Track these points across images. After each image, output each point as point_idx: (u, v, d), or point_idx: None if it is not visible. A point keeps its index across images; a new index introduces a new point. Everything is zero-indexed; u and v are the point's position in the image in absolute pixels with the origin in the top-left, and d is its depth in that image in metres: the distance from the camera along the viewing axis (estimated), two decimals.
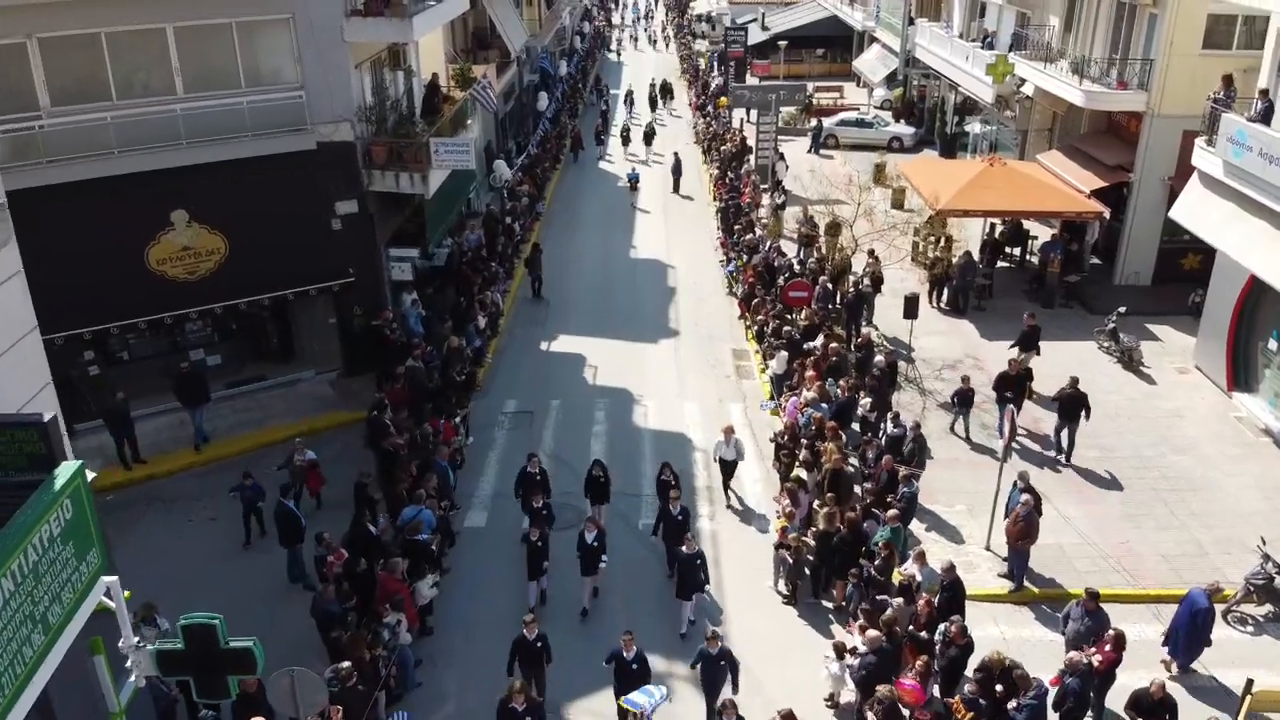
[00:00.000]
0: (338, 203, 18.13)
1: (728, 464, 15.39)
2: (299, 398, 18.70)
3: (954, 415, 17.49)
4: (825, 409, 15.81)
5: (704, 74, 48.73)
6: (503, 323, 22.26)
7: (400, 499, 13.54)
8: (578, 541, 13.06)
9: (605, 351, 21.08)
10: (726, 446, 15.23)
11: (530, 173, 30.38)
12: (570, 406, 18.66)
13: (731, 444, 15.21)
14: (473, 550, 14.52)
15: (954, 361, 20.36)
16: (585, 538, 12.97)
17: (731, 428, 15.52)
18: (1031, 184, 22.95)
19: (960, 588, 12.06)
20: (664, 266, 26.45)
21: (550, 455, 16.98)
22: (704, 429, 17.91)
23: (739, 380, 19.92)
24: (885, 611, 11.67)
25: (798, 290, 19.14)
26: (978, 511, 15.45)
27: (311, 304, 18.82)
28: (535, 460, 14.50)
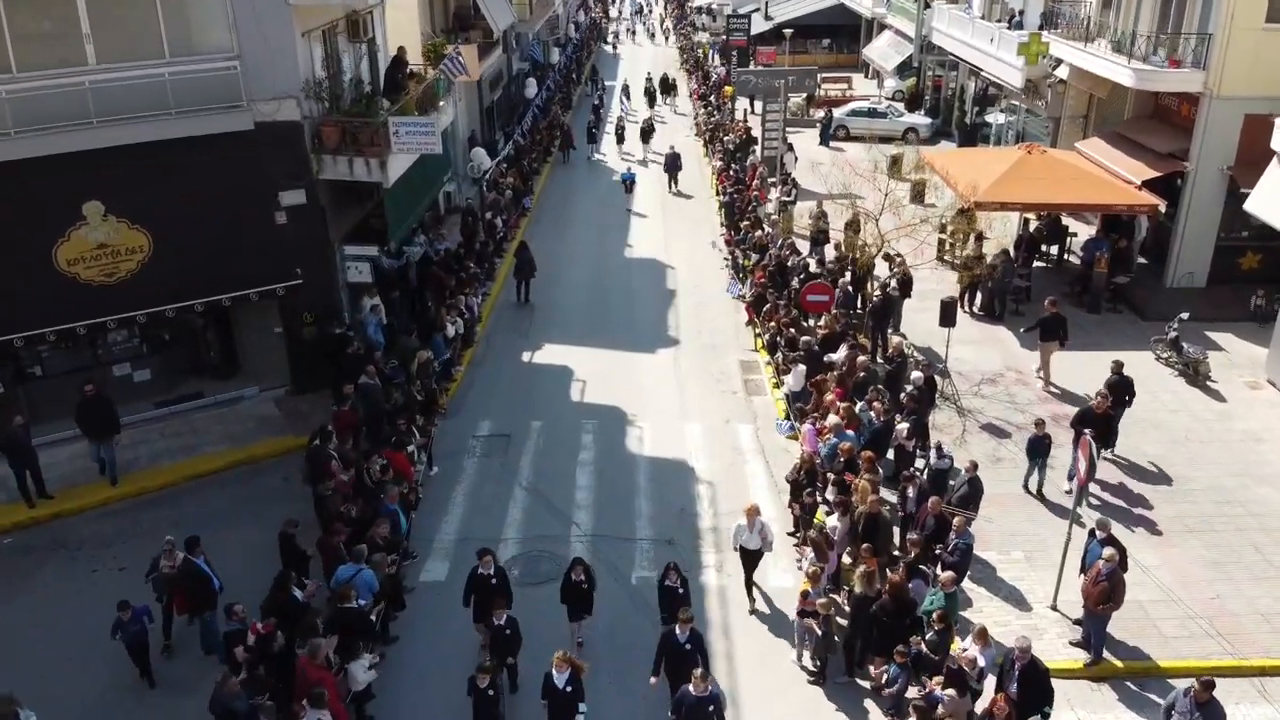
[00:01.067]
0: (282, 193, 15.58)
1: (751, 554, 11.81)
2: (239, 419, 16.15)
3: (1029, 470, 14.24)
4: (853, 437, 13.26)
5: (705, 64, 46.21)
6: (480, 330, 19.70)
7: (335, 554, 10.98)
8: (543, 685, 9.50)
9: (596, 363, 18.53)
10: (750, 533, 11.57)
11: (516, 164, 27.82)
12: (554, 429, 16.11)
13: (756, 529, 11.58)
14: (429, 613, 11.95)
15: (994, 375, 17.82)
16: (554, 680, 9.36)
17: (755, 508, 11.77)
18: (1076, 174, 20.42)
19: (1043, 676, 9.51)
20: (662, 267, 23.90)
21: (528, 488, 14.44)
22: (708, 456, 15.37)
23: (748, 397, 17.38)
24: (938, 708, 9.16)
25: (817, 293, 16.57)
26: (1039, 561, 12.91)
27: (254, 311, 16.26)
28: (489, 559, 10.68)
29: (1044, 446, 13.86)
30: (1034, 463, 14.06)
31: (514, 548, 13.05)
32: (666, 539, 13.21)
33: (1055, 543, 13.18)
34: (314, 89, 15.54)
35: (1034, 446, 13.94)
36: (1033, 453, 13.97)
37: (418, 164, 18.35)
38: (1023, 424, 16.13)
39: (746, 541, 11.73)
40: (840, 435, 13.17)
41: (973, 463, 12.62)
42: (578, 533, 13.35)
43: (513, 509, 13.89)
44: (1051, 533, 13.43)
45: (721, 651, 11.34)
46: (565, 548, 13.04)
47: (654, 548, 13.07)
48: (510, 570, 12.55)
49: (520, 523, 13.59)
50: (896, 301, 17.76)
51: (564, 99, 39.60)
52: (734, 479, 14.72)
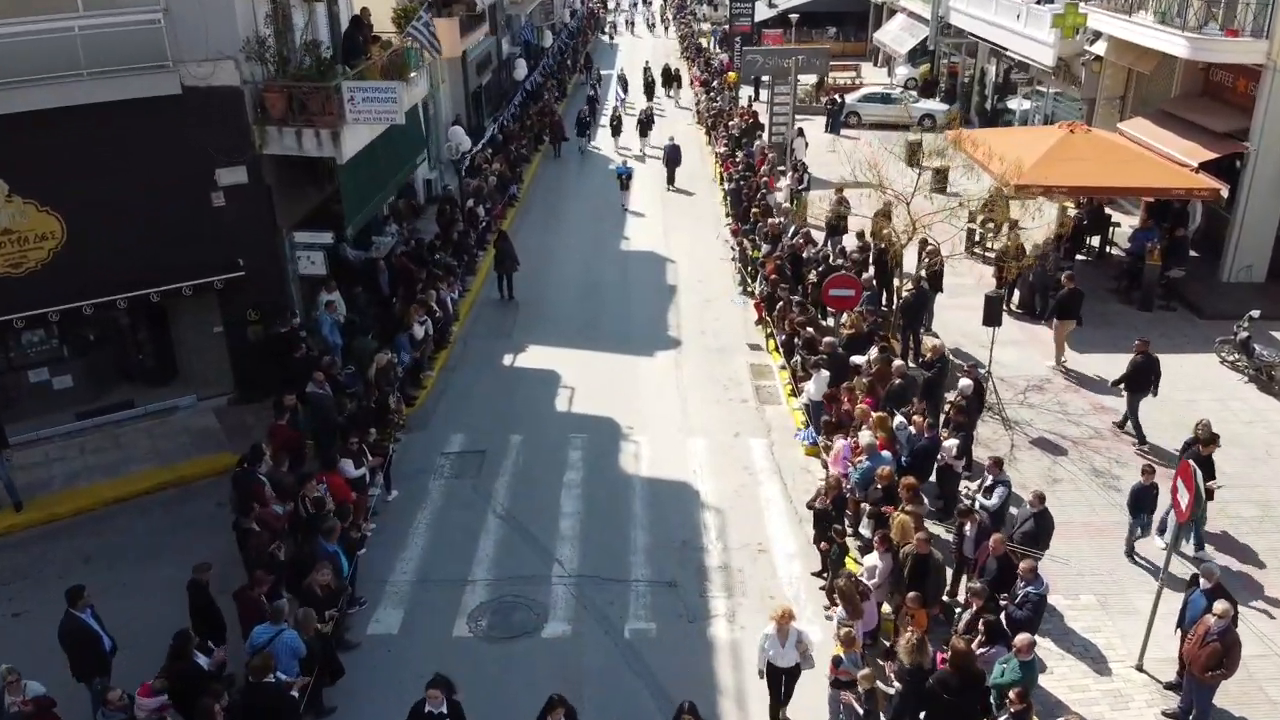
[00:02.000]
0: (219, 170, 13.41)
1: (784, 673, 8.79)
2: (171, 433, 13.95)
3: (1133, 528, 11.36)
4: (890, 459, 11.07)
5: (706, 52, 44.07)
6: (455, 330, 17.51)
7: (254, 610, 8.79)
8: None
9: (586, 369, 16.34)
10: (782, 647, 8.57)
11: (503, 150, 25.61)
12: (536, 445, 13.91)
13: (790, 641, 8.57)
14: (376, 674, 9.75)
15: (1041, 381, 15.64)
16: None
17: (788, 614, 8.64)
18: (1125, 155, 18.26)
19: None
20: (661, 261, 21.70)
21: (503, 516, 12.24)
22: (715, 476, 13.18)
23: (760, 407, 15.18)
24: None
25: (841, 287, 14.35)
26: (1115, 607, 10.73)
27: (190, 307, 14.09)
28: (438, 695, 8.00)
29: (1151, 498, 11.06)
30: (1138, 519, 11.18)
31: (483, 592, 10.85)
32: (667, 580, 11.03)
33: (1134, 584, 11.07)
34: (256, 50, 13.35)
35: (1139, 498, 11.00)
36: (1137, 506, 11.08)
37: (386, 142, 16.16)
38: (1078, 438, 13.99)
39: (777, 658, 8.62)
40: (875, 458, 10.97)
41: (1038, 495, 10.41)
42: (560, 573, 11.16)
43: (484, 542, 11.71)
44: (1128, 573, 11.27)
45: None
46: (545, 592, 10.84)
47: (652, 591, 10.88)
48: (478, 622, 10.38)
49: (492, 560, 11.41)
50: (929, 297, 15.57)
51: (558, 86, 37.37)
52: (746, 504, 12.55)
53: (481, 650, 10.01)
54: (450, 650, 10.00)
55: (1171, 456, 13.26)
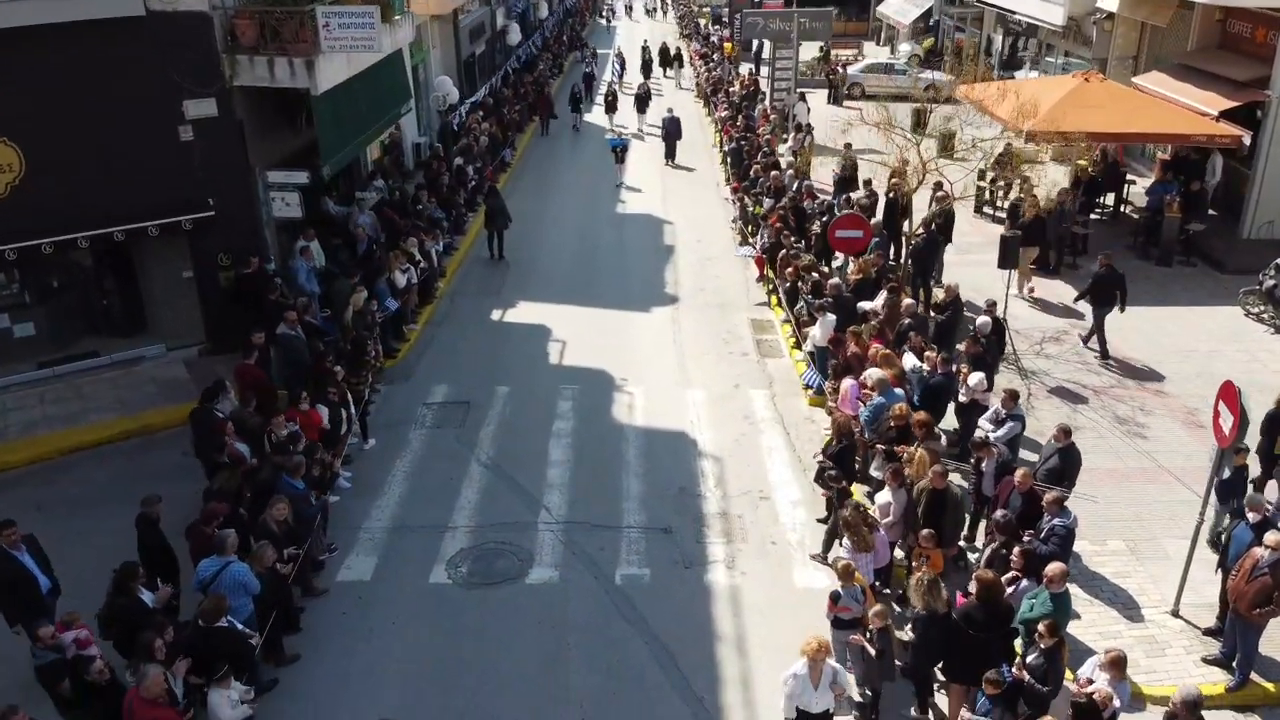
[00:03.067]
0: (187, 101, 12.63)
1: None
2: (137, 383, 13.17)
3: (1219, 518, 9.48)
4: (904, 396, 10.28)
5: (705, 28, 43.31)
6: (442, 287, 16.71)
7: (206, 545, 8.00)
8: None
9: (579, 324, 15.55)
10: (814, 690, 6.99)
11: (495, 113, 24.80)
12: (524, 396, 13.13)
13: (824, 682, 6.97)
14: (344, 623, 8.95)
15: (1057, 333, 14.84)
16: None
17: (823, 647, 7.02)
18: (1143, 102, 17.52)
19: None
20: (659, 223, 20.91)
21: (488, 465, 11.43)
22: (715, 426, 12.38)
23: (761, 359, 14.39)
24: None
25: (850, 228, 13.54)
26: (1147, 553, 9.95)
27: (158, 251, 13.31)
28: None
29: (1243, 482, 9.17)
30: (1226, 506, 9.24)
31: (464, 539, 10.07)
32: (661, 527, 10.24)
33: (1164, 530, 10.28)
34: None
35: (1231, 485, 9.05)
36: (1227, 493, 9.11)
37: (368, 85, 15.40)
38: (1099, 387, 13.21)
39: (809, 702, 7.01)
40: (888, 394, 10.17)
41: (1063, 428, 9.61)
42: (548, 520, 10.37)
43: (466, 490, 10.92)
44: (1158, 516, 10.48)
45: (735, 676, 8.35)
46: (531, 538, 10.06)
47: (645, 538, 10.09)
48: (457, 568, 9.60)
49: (475, 507, 10.62)
50: (940, 244, 14.77)
51: (554, 62, 36.54)
52: (746, 453, 11.76)
53: (460, 597, 9.23)
54: (426, 597, 9.23)
55: (1195, 406, 12.54)
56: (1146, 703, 8.15)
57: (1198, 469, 10.79)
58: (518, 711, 7.91)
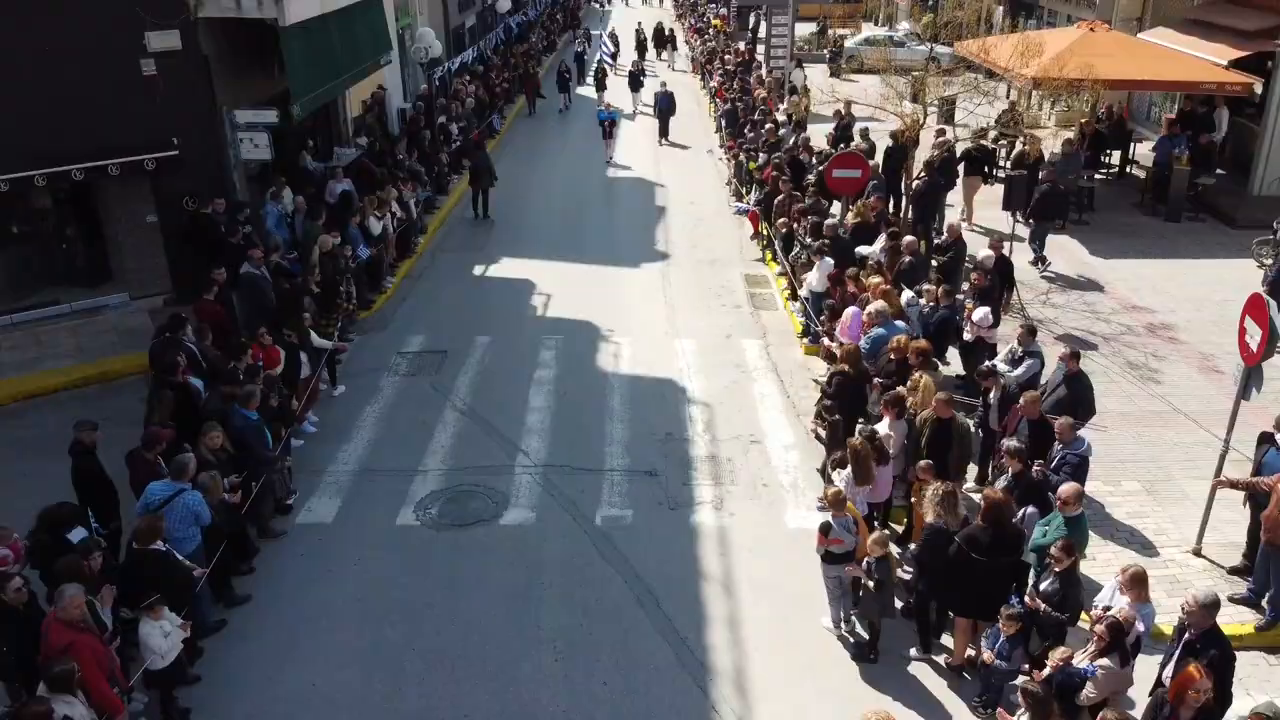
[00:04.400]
0: (149, 33, 11.98)
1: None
2: (99, 331, 12.52)
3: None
4: (905, 329, 9.65)
5: (701, 6, 42.68)
6: (422, 243, 16.07)
7: (149, 472, 7.37)
8: None
9: (565, 278, 14.92)
10: None
11: (482, 78, 24.13)
12: (504, 345, 12.49)
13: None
14: (301, 566, 8.31)
15: (1070, 284, 14.21)
16: None
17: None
18: (1151, 51, 16.91)
19: (1228, 649, 5.95)
20: (650, 185, 20.27)
21: (464, 411, 10.79)
22: (705, 374, 11.74)
23: (755, 312, 13.76)
24: (1087, 687, 5.63)
25: (847, 166, 12.90)
26: (1164, 494, 9.32)
27: (121, 193, 12.68)
28: None
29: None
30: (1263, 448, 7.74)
31: (435, 481, 9.43)
32: (646, 469, 9.61)
33: (1182, 471, 9.66)
34: None
35: None
36: None
37: (344, 28, 14.76)
38: (1109, 334, 12.58)
39: None
40: (889, 326, 9.54)
41: (1073, 352, 8.98)
42: (526, 463, 9.74)
43: (440, 434, 10.28)
44: (1175, 457, 9.86)
45: (722, 615, 7.72)
46: (507, 481, 9.42)
47: (629, 480, 9.45)
48: (427, 510, 8.97)
49: (448, 450, 9.98)
50: (941, 189, 14.13)
51: (547, 38, 35.84)
52: (738, 400, 11.13)
53: (429, 538, 8.59)
54: (392, 538, 8.60)
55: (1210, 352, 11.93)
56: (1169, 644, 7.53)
57: (1216, 413, 10.14)
58: (486, 651, 7.27)
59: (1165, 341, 12.44)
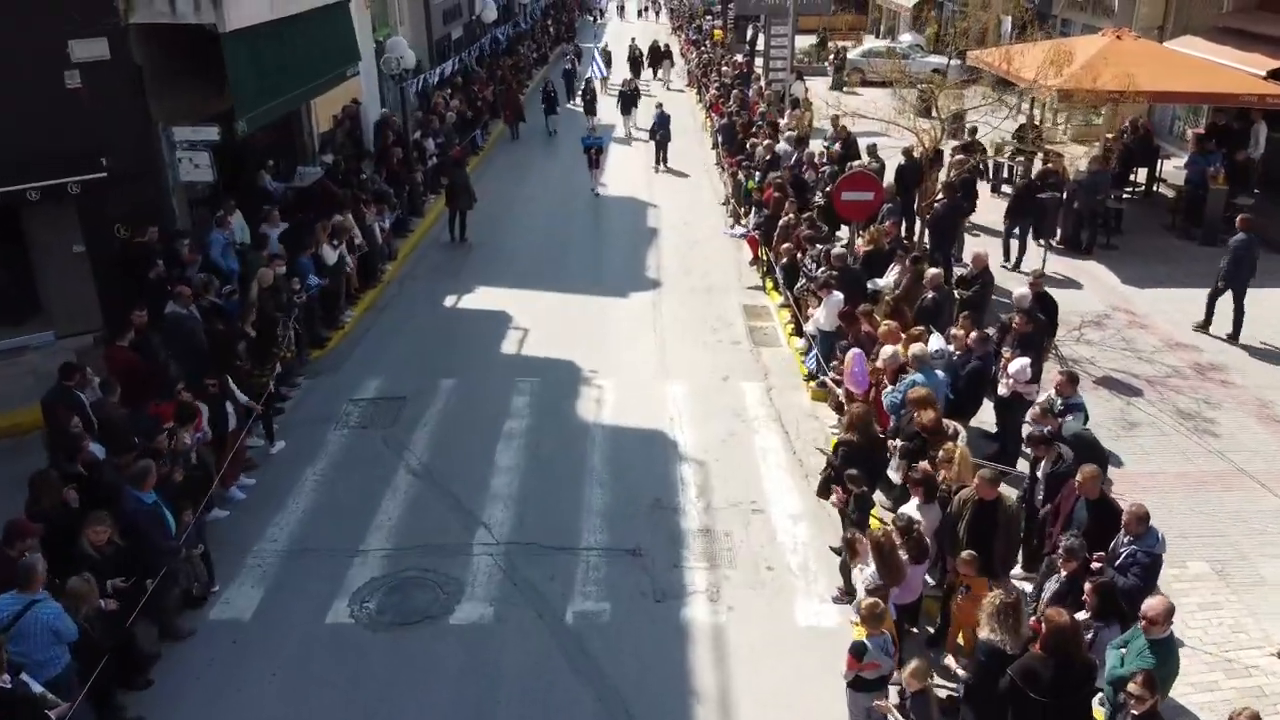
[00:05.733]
0: (73, 41, 10.64)
1: None
2: (18, 375, 11.07)
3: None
4: (929, 381, 8.24)
5: (697, 19, 41.58)
6: (390, 270, 14.69)
7: (7, 570, 5.95)
8: None
9: (545, 309, 13.54)
10: None
11: (464, 91, 22.82)
12: (472, 390, 11.08)
13: None
14: (208, 679, 6.86)
15: (1099, 316, 12.83)
16: None
17: None
18: (1184, 61, 15.62)
19: None
20: (642, 205, 18.93)
21: (419, 472, 9.35)
22: (698, 424, 10.33)
23: (755, 349, 12.37)
24: None
25: (857, 188, 11.52)
26: (1238, 577, 7.90)
27: (45, 220, 11.29)
28: None
29: None
30: None
31: (377, 565, 7.98)
32: (628, 548, 8.18)
33: (1253, 547, 8.29)
34: None
35: None
36: None
37: (303, 35, 13.44)
38: (1154, 377, 11.18)
39: None
40: (926, 373, 8.14)
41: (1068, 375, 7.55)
42: (486, 540, 8.30)
43: (388, 503, 8.85)
44: (1245, 529, 8.45)
45: None
46: (462, 564, 7.98)
47: (608, 562, 8.01)
48: (364, 604, 7.53)
49: (396, 524, 8.55)
50: (964, 212, 12.77)
51: (538, 50, 34.59)
52: (736, 456, 9.71)
53: (364, 641, 7.15)
54: (320, 641, 7.16)
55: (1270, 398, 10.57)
56: None
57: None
58: None
59: (1217, 385, 11.05)
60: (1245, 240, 11.75)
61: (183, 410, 7.89)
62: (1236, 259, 11.74)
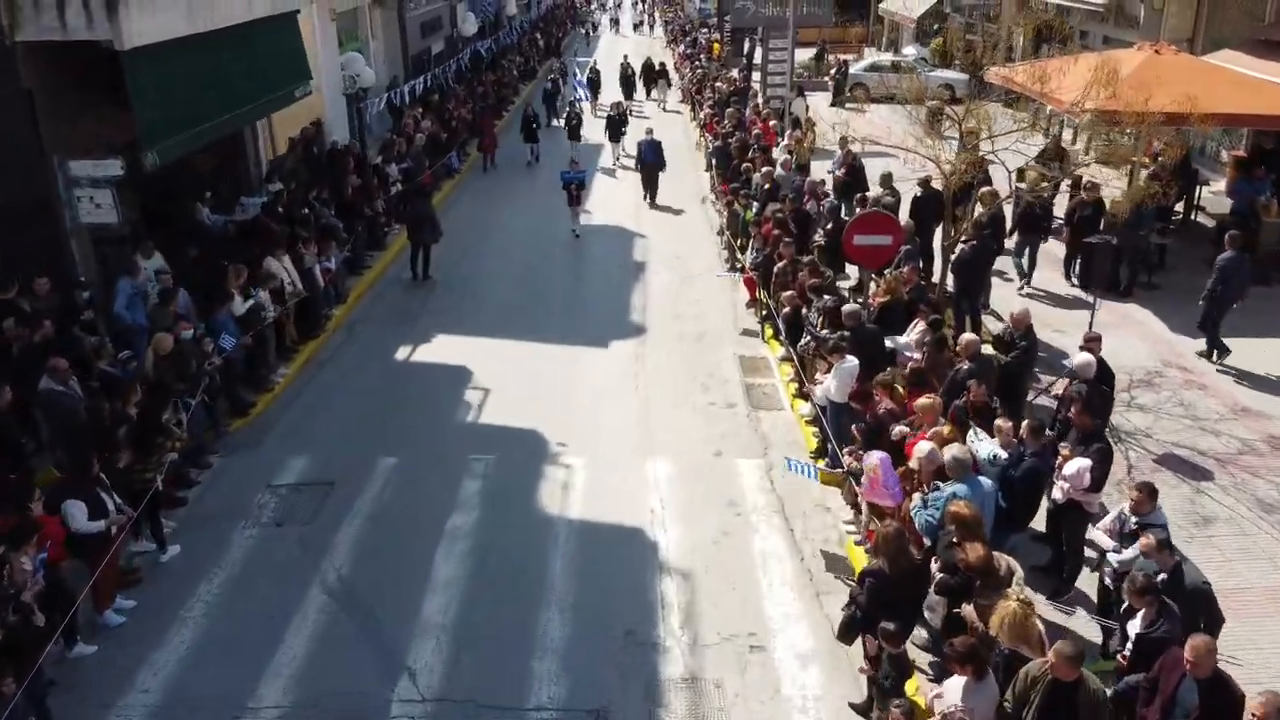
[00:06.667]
0: None
1: None
2: None
3: None
4: (972, 490, 6.49)
5: (692, 31, 40.08)
6: (338, 315, 12.98)
7: None
8: None
9: (512, 362, 11.81)
10: None
11: (437, 110, 21.14)
12: (416, 471, 9.32)
13: None
14: None
15: (1148, 375, 11.12)
16: None
17: None
18: (1234, 79, 13.97)
19: None
20: (629, 235, 17.25)
21: (335, 593, 7.58)
22: (685, 519, 8.58)
23: (753, 413, 10.64)
24: None
25: (872, 231, 9.74)
26: None
27: None
28: None
29: None
30: None
31: None
32: (591, 709, 6.41)
33: None
34: None
35: None
36: None
37: (238, 52, 11.78)
38: (1222, 454, 9.46)
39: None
40: (969, 482, 6.41)
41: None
42: (410, 696, 6.53)
43: (294, 636, 7.08)
44: None
45: None
46: None
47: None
48: None
49: (302, 668, 6.78)
50: (993, 255, 11.07)
51: (525, 66, 32.94)
52: (731, 565, 7.96)
53: None
54: None
55: None
56: None
57: None
58: None
59: None
60: (1235, 258, 10.83)
61: (19, 530, 6.16)
62: (1224, 277, 10.82)
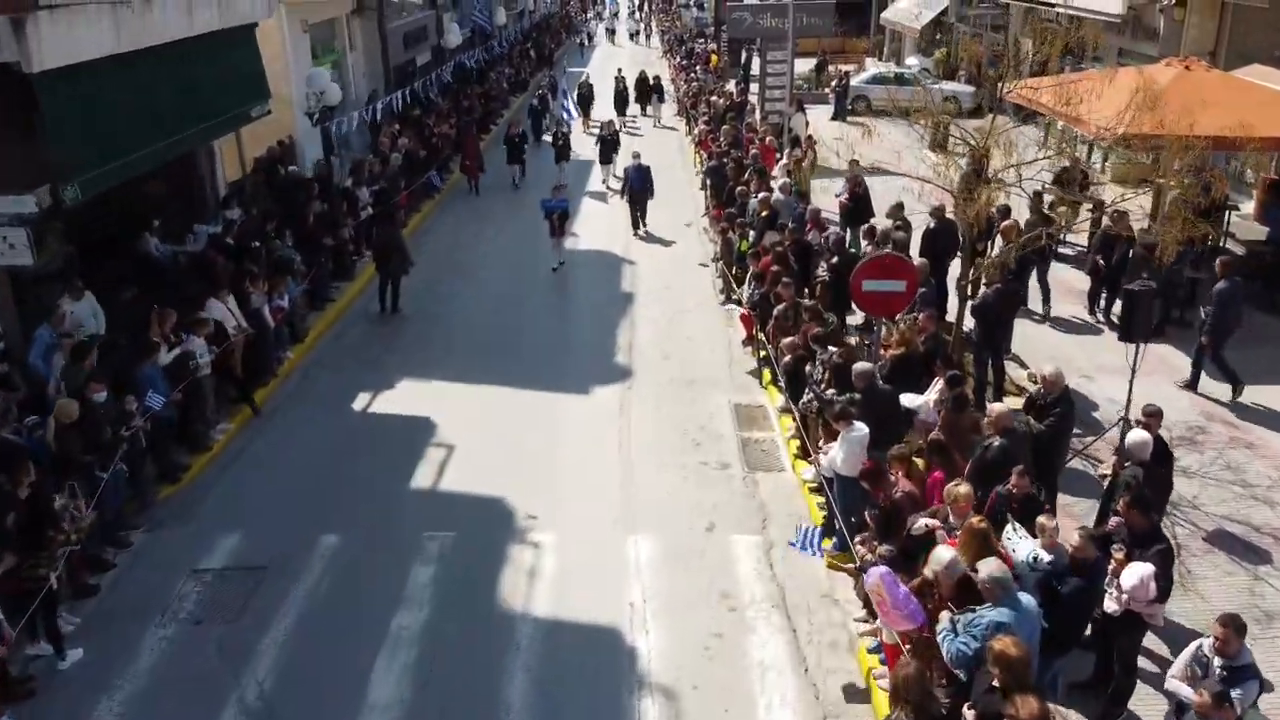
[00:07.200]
0: None
1: None
2: None
3: None
4: (1013, 615, 5.32)
5: (688, 41, 39.06)
6: (293, 357, 11.81)
7: None
8: None
9: (480, 414, 10.64)
10: None
11: (417, 125, 20.02)
12: (360, 554, 8.12)
13: None
14: None
15: (1191, 430, 9.94)
16: None
17: None
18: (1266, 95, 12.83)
19: None
20: (616, 262, 16.12)
21: (254, 713, 6.40)
22: (669, 616, 7.39)
23: (749, 474, 9.47)
24: None
25: (882, 276, 8.49)
26: None
27: None
28: None
29: None
30: None
31: None
32: None
33: None
34: None
35: None
36: None
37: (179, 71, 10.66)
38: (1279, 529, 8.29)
39: None
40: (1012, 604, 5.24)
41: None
42: None
43: None
44: None
45: None
46: None
47: None
48: None
49: None
50: (1019, 299, 9.92)
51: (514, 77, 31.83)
52: (723, 677, 6.77)
53: None
54: None
55: None
56: None
57: None
58: None
59: None
60: (1231, 285, 10.29)
61: None
62: (1222, 305, 10.16)
